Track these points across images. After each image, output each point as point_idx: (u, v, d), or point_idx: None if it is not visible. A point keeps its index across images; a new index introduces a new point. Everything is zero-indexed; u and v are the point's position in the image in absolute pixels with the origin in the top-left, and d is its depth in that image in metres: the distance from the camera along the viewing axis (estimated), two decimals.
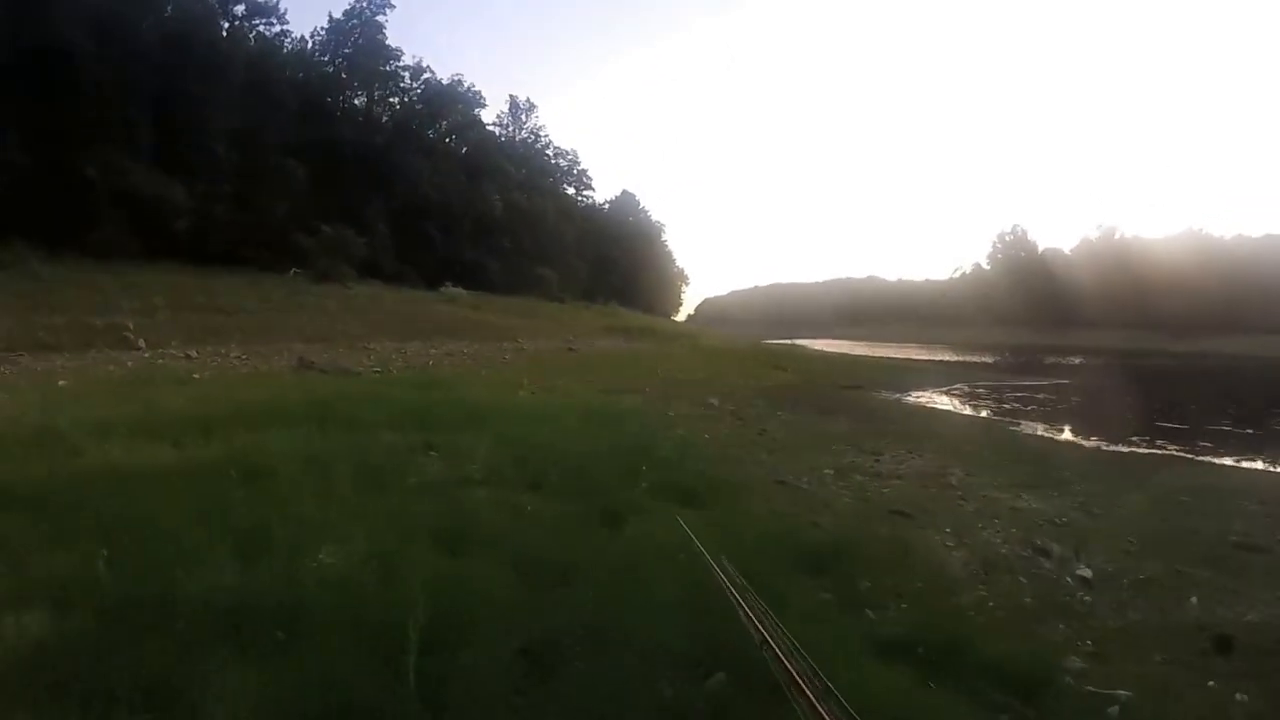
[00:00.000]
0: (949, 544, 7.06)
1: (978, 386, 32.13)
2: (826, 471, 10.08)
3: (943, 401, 25.52)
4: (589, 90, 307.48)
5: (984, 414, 22.25)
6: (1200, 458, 15.38)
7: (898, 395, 26.41)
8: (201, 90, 42.22)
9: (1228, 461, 15.13)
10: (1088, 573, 6.46)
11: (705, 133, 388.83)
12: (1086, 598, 5.94)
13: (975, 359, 57.32)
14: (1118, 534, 7.87)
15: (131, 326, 23.78)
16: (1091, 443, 16.72)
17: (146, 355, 21.20)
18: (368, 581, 3.89)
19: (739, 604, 2.94)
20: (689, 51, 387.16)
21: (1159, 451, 15.92)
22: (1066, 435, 18.07)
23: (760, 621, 2.68)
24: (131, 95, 39.32)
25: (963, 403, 25.23)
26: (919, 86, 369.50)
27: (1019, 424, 19.55)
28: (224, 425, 9.47)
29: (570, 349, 31.00)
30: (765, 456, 11.15)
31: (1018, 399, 26.82)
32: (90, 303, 25.67)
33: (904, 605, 4.98)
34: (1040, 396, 28.18)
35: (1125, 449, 16.09)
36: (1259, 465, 14.99)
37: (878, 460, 11.54)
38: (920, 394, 27.56)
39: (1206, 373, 48.70)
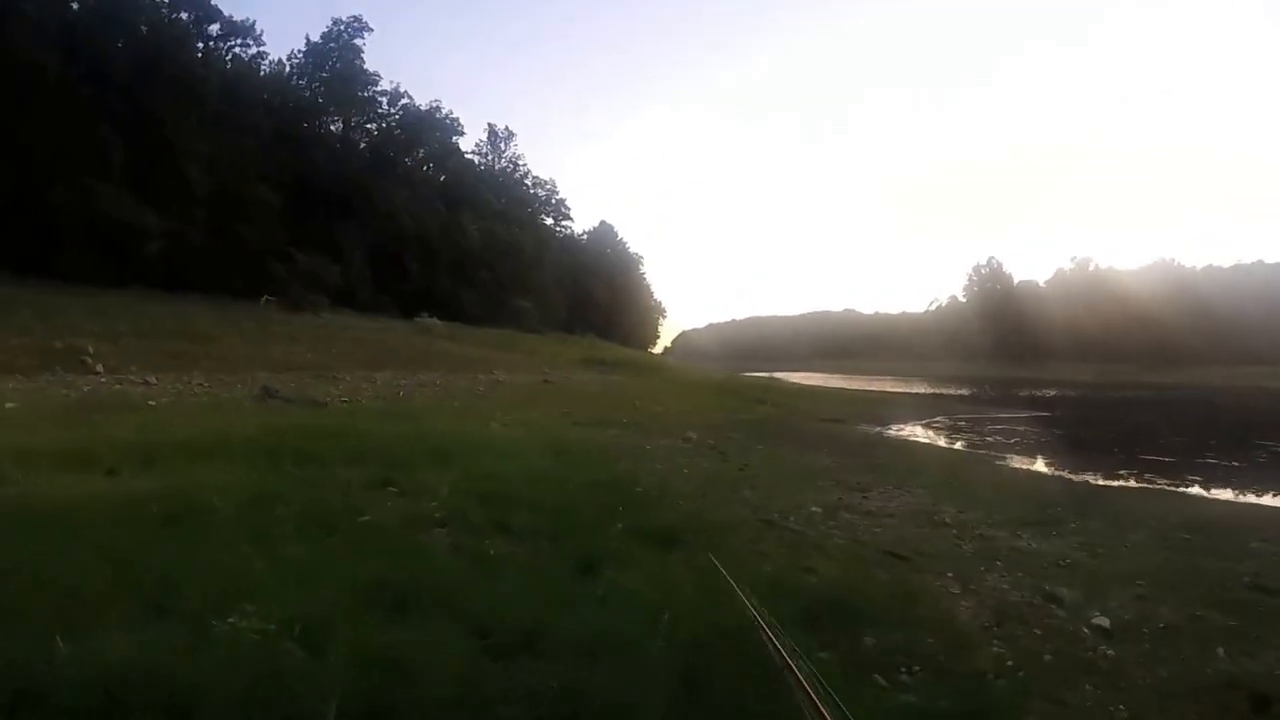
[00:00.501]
0: (954, 591, 6.49)
1: (958, 419, 31.83)
2: (814, 509, 9.50)
3: (924, 435, 25.12)
4: (568, 120, 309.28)
5: (967, 448, 21.81)
6: (1191, 491, 15.09)
7: (879, 429, 26.00)
8: (175, 113, 41.56)
9: (1220, 495, 14.88)
10: (1105, 621, 5.94)
11: (683, 166, 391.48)
12: (1110, 651, 5.40)
13: (952, 391, 57.37)
14: (1126, 576, 7.35)
15: (92, 350, 22.92)
16: (1079, 477, 16.27)
17: (104, 380, 20.37)
18: (288, 652, 3.21)
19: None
20: (669, 86, 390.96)
21: (1149, 485, 15.56)
22: (1053, 469, 17.63)
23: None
24: (103, 116, 38.58)
25: (945, 436, 24.84)
26: (896, 120, 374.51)
27: (1004, 458, 19.13)
28: (168, 456, 8.87)
29: (546, 381, 30.32)
30: (749, 493, 10.55)
31: (999, 432, 26.48)
32: (52, 325, 24.84)
33: (916, 668, 4.38)
34: (1021, 429, 27.86)
35: (1115, 483, 15.71)
36: (1252, 499, 14.67)
37: (865, 497, 10.99)
38: (901, 427, 27.16)
39: (1182, 404, 48.82)
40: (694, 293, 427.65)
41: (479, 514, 6.95)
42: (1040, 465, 18.19)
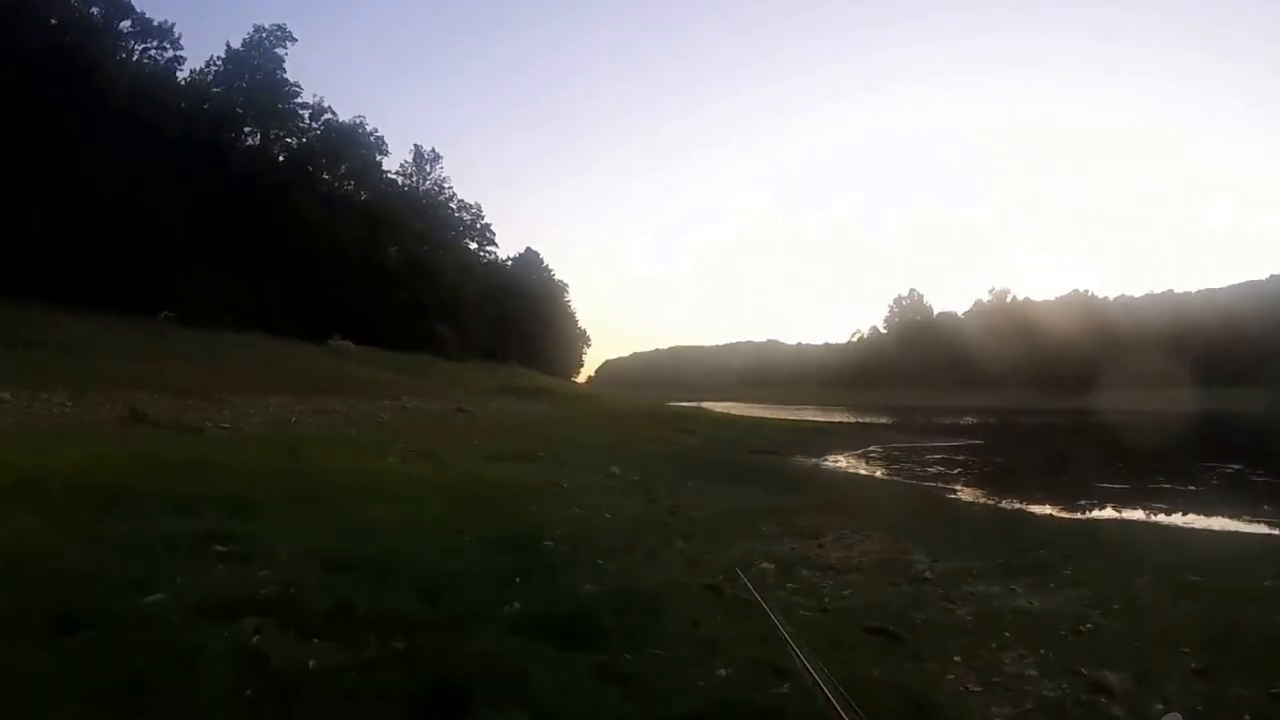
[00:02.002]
0: (973, 688, 4.77)
1: (892, 448, 30.75)
2: (764, 565, 7.72)
3: (863, 467, 23.67)
4: (496, 146, 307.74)
5: (913, 480, 20.42)
6: (1165, 520, 14.08)
7: (814, 460, 24.66)
8: (76, 110, 38.13)
9: (1196, 523, 13.82)
10: (1178, 718, 4.47)
11: (610, 196, 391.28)
12: None
13: (879, 420, 56.96)
14: (1165, 641, 5.98)
15: None
16: (1044, 510, 14.93)
17: None
18: None
19: None
20: (597, 117, 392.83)
21: (1119, 516, 14.56)
22: (1012, 502, 16.19)
23: None
24: None
25: (884, 468, 23.40)
26: (819, 154, 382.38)
27: (954, 491, 17.71)
28: None
29: (460, 409, 27.97)
30: (683, 544, 8.75)
31: (939, 461, 25.34)
32: None
33: None
34: (961, 458, 26.79)
35: (1083, 515, 14.50)
36: (1231, 525, 13.69)
37: (821, 545, 9.30)
38: (837, 458, 25.87)
39: (1107, 429, 49.08)
40: (618, 322, 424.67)
41: (319, 593, 4.95)
42: (996, 498, 16.74)
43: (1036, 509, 15.02)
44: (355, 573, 5.44)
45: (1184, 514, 14.67)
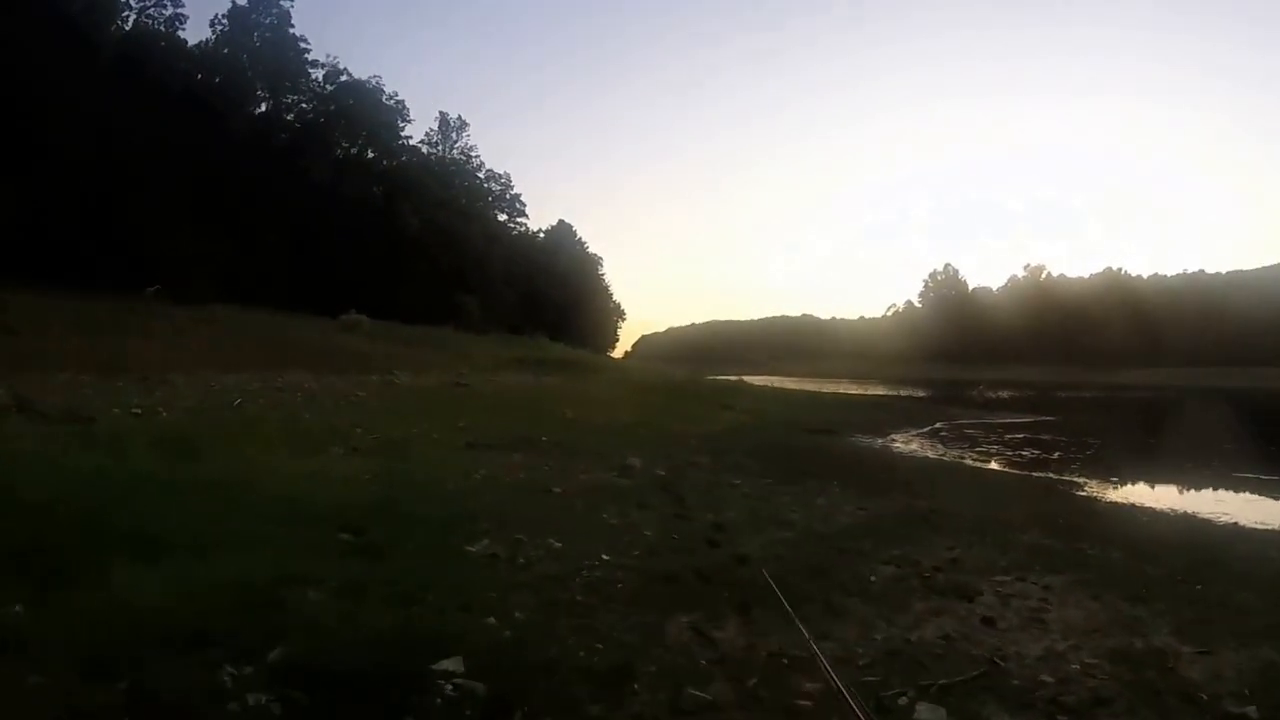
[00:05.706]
0: None
1: (962, 426, 26.68)
2: (923, 712, 3.64)
3: (944, 450, 19.36)
4: (527, 119, 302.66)
5: (1018, 469, 16.30)
6: None
7: (881, 441, 20.75)
8: (55, 65, 34.54)
9: None
10: None
11: (645, 171, 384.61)
12: None
13: (927, 394, 53.82)
14: None
15: None
16: (1223, 516, 10.82)
17: None
18: None
19: None
20: (634, 91, 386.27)
21: None
22: (1169, 506, 11.87)
23: None
24: None
25: (969, 452, 19.12)
26: (854, 129, 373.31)
27: (1079, 486, 13.43)
28: None
29: (459, 384, 24.10)
30: (732, 631, 4.70)
31: (1026, 443, 21.38)
32: None
33: None
34: (1048, 439, 22.67)
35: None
36: None
37: (988, 620, 5.19)
38: (906, 438, 22.00)
39: (1165, 405, 44.98)
40: (654, 297, 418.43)
41: None
42: (1144, 498, 12.53)
43: (1210, 514, 11.05)
44: None
45: None
